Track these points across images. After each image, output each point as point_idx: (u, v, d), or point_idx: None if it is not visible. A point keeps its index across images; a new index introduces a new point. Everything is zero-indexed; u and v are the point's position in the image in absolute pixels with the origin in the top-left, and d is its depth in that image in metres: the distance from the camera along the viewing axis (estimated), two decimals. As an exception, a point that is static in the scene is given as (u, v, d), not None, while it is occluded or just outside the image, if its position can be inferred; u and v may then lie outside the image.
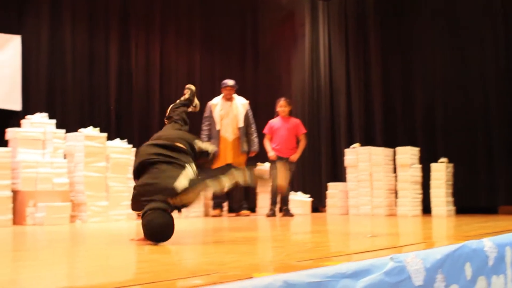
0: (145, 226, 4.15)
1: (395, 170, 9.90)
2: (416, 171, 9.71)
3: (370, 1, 11.42)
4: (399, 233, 5.98)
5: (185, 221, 8.33)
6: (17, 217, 7.48)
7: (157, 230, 4.16)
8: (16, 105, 9.20)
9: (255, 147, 9.85)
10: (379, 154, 9.91)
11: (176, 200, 4.25)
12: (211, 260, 3.30)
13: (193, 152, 4.96)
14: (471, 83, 10.14)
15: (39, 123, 8.13)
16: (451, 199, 9.56)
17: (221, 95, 9.90)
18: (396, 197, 9.79)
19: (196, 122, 10.90)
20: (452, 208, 9.53)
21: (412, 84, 10.80)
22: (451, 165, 9.63)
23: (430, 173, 9.55)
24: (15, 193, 7.49)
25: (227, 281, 2.19)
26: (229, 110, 9.79)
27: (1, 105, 9.05)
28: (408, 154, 9.67)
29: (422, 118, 10.60)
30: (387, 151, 9.98)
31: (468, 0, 10.29)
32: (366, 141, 10.73)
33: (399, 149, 9.80)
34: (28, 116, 8.30)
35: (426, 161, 9.78)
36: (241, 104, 9.89)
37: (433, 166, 9.54)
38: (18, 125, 8.28)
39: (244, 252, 3.85)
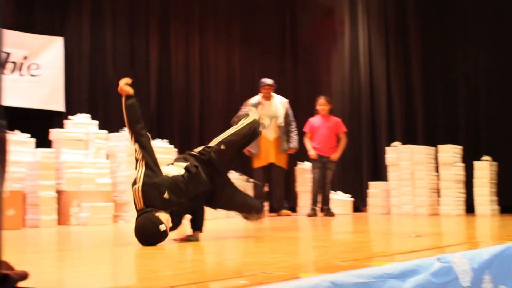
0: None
1: (437, 169, 9.78)
2: (459, 170, 9.58)
3: (410, -3, 11.31)
4: (443, 233, 5.92)
5: (226, 221, 8.35)
6: (62, 217, 7.57)
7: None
8: (59, 106, 9.32)
9: (295, 144, 9.80)
10: (420, 152, 9.80)
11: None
12: (255, 260, 3.29)
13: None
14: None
15: (81, 124, 8.23)
16: (495, 198, 9.41)
17: (260, 95, 9.89)
18: (439, 196, 9.66)
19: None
20: (496, 207, 9.38)
21: (454, 82, 10.65)
22: (495, 163, 9.47)
23: (473, 172, 9.40)
24: (59, 193, 7.59)
25: (274, 282, 2.18)
26: (268, 110, 9.77)
27: (44, 106, 9.18)
28: (451, 153, 9.54)
29: (465, 115, 10.46)
30: (429, 149, 9.86)
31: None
32: (407, 139, 10.62)
33: (441, 147, 9.67)
34: (71, 117, 8.41)
35: (469, 160, 9.64)
36: (280, 102, 9.86)
37: (476, 164, 9.40)
38: (62, 126, 8.40)
39: (288, 252, 3.84)
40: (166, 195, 4.25)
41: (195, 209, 4.67)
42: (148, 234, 4.16)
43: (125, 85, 4.51)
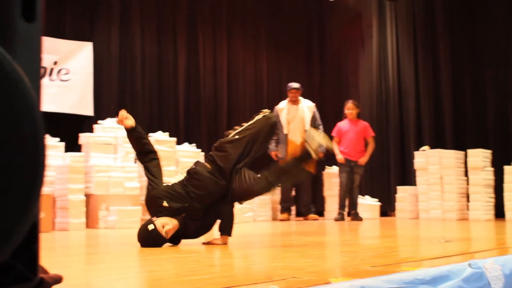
0: None
1: (466, 173, 9.69)
2: (488, 174, 9.48)
3: (438, 0, 11.21)
4: (472, 238, 5.86)
5: (253, 225, 8.35)
6: (90, 221, 7.64)
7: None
8: (88, 110, 9.41)
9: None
10: (449, 157, 9.71)
11: None
12: (284, 264, 3.28)
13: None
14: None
15: (110, 128, 8.30)
16: (525, 203, 9.30)
17: (287, 99, 9.89)
18: (468, 201, 9.57)
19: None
20: (526, 212, 9.27)
21: (484, 85, 10.54)
22: (525, 168, 9.37)
23: (504, 176, 9.30)
24: (88, 197, 7.66)
25: (305, 286, 2.17)
26: (295, 114, 9.76)
27: (74, 111, 9.28)
28: (480, 157, 9.44)
29: (494, 119, 10.34)
30: (458, 153, 9.77)
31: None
32: (436, 144, 10.53)
33: (470, 152, 9.58)
34: (100, 121, 8.49)
35: (498, 164, 9.53)
36: (307, 107, 9.85)
37: (506, 169, 9.29)
38: (91, 130, 8.48)
39: (317, 257, 3.83)
40: (165, 204, 4.47)
41: (221, 212, 4.64)
42: (140, 235, 4.52)
43: (125, 118, 4.67)
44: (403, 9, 11.84)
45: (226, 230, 4.63)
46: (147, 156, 4.72)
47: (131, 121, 4.64)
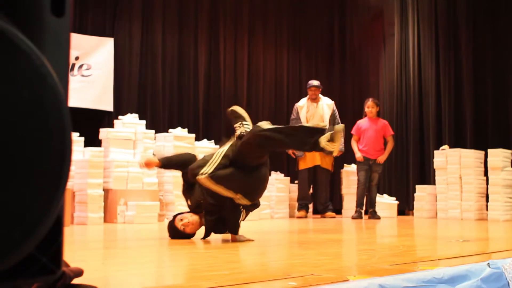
0: None
1: (486, 173, 9.63)
2: (508, 175, 9.41)
3: (461, -1, 11.15)
4: (490, 238, 5.83)
5: (271, 222, 8.36)
6: (108, 215, 7.69)
7: None
8: (108, 105, 9.46)
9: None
10: (469, 156, 9.65)
11: None
12: (302, 261, 3.29)
13: None
14: None
15: (130, 124, 8.34)
16: (545, 203, 9.23)
17: (307, 96, 9.90)
18: (487, 201, 9.51)
19: (282, 124, 10.94)
20: (546, 213, 9.20)
21: (505, 85, 10.45)
22: (545, 168, 9.30)
23: (524, 177, 9.24)
24: (106, 191, 7.70)
25: (323, 284, 2.18)
26: (315, 111, 9.77)
27: (94, 106, 9.34)
28: (500, 157, 9.37)
29: (516, 119, 10.26)
30: (478, 153, 9.71)
31: None
32: (456, 143, 10.48)
33: (490, 152, 9.51)
34: (120, 117, 8.54)
35: (519, 164, 9.48)
36: (326, 104, 9.85)
37: (527, 169, 9.24)
38: (111, 126, 8.53)
39: (335, 255, 3.83)
40: (188, 202, 4.84)
41: (227, 211, 4.66)
42: (167, 226, 4.88)
43: (148, 166, 5.02)
44: (426, 7, 11.77)
45: (230, 229, 4.69)
46: (188, 167, 4.75)
47: (154, 162, 4.79)
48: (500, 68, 10.56)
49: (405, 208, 11.22)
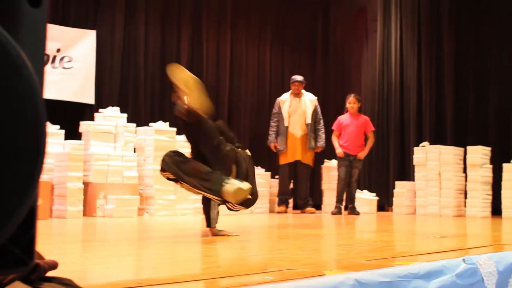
0: None
1: (465, 170, 9.70)
2: (486, 171, 9.49)
3: (444, -4, 11.19)
4: (468, 234, 5.88)
5: (251, 216, 8.38)
6: (88, 209, 7.67)
7: None
8: (89, 98, 9.42)
9: (322, 142, 9.83)
10: (449, 153, 9.72)
11: None
12: (280, 256, 3.31)
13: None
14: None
15: (111, 117, 8.32)
16: (523, 201, 9.32)
17: (290, 91, 9.92)
18: (465, 197, 9.59)
19: (264, 119, 10.97)
20: (524, 210, 9.29)
21: (486, 82, 10.52)
22: (524, 166, 9.38)
23: (502, 174, 9.31)
24: (86, 185, 7.68)
25: (299, 278, 2.19)
26: (297, 107, 9.79)
27: (75, 99, 9.29)
28: (479, 154, 9.45)
29: (495, 117, 10.33)
30: (457, 150, 9.78)
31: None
32: (436, 140, 10.54)
33: (470, 149, 9.58)
34: (101, 110, 8.50)
35: (497, 161, 9.54)
36: (309, 100, 9.88)
37: (505, 166, 9.30)
38: (92, 119, 8.49)
39: (313, 250, 3.85)
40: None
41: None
42: None
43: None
44: (408, 3, 11.80)
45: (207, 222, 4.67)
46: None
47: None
48: (482, 66, 10.62)
49: (385, 204, 11.28)
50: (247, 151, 4.84)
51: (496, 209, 9.37)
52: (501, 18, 10.44)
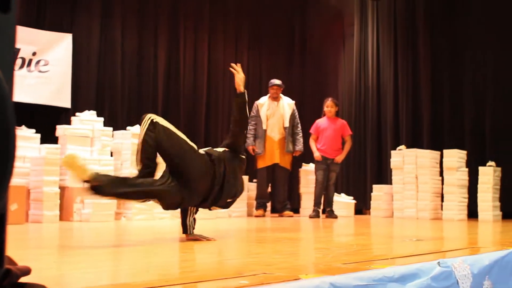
0: None
1: (441, 173, 9.78)
2: (463, 175, 9.57)
3: (420, 1, 11.26)
4: (444, 237, 5.92)
5: (228, 220, 8.37)
6: (64, 213, 7.60)
7: None
8: (65, 102, 9.35)
9: (300, 146, 9.85)
10: (425, 156, 9.79)
11: None
12: (257, 260, 3.30)
13: None
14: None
15: (88, 121, 8.27)
16: (498, 203, 9.40)
17: (268, 95, 9.93)
18: (442, 200, 9.67)
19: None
20: (498, 213, 9.37)
21: (462, 86, 10.61)
22: (498, 169, 9.46)
23: (478, 177, 9.40)
24: (62, 189, 7.61)
25: (274, 282, 2.19)
26: (275, 110, 9.80)
27: (51, 103, 9.21)
28: (456, 157, 9.53)
29: (471, 120, 10.42)
30: (434, 153, 9.86)
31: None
32: (413, 143, 10.61)
33: (446, 152, 9.67)
34: (77, 114, 8.45)
35: (473, 165, 9.64)
36: (287, 104, 9.89)
37: (481, 169, 9.39)
38: (68, 122, 8.44)
39: (290, 253, 3.85)
40: None
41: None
42: None
43: None
44: (385, 8, 11.89)
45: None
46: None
47: None
48: (457, 71, 10.71)
49: (362, 207, 11.33)
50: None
51: (472, 212, 9.46)
52: (476, 23, 10.53)
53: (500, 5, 10.26)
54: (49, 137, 8.16)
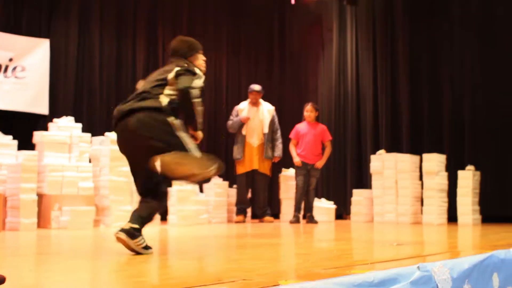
0: None
1: (421, 178, 9.81)
2: (442, 179, 9.61)
3: (398, 5, 11.31)
4: (424, 241, 5.93)
5: (208, 226, 8.33)
6: (42, 221, 7.52)
7: None
8: (43, 108, 9.27)
9: (279, 152, 9.83)
10: (405, 161, 9.82)
11: None
12: (236, 266, 3.28)
13: None
14: (501, 89, 9.95)
15: (65, 127, 8.19)
16: (477, 207, 9.45)
17: (248, 100, 9.90)
18: (422, 205, 9.70)
19: (221, 128, 10.95)
20: (478, 216, 9.42)
21: (440, 91, 10.65)
22: (478, 173, 9.51)
23: (457, 181, 9.44)
24: (40, 196, 7.52)
25: (253, 289, 2.17)
26: (255, 116, 9.78)
27: (29, 109, 9.13)
28: (435, 162, 9.56)
29: (450, 125, 10.46)
30: (414, 158, 9.88)
31: (499, 1, 10.12)
32: (392, 148, 10.63)
33: (425, 156, 9.70)
34: (55, 120, 8.37)
35: (453, 169, 9.67)
36: (267, 109, 9.88)
37: (460, 173, 9.43)
38: (45, 129, 8.35)
39: (270, 259, 3.82)
40: None
41: None
42: None
43: None
44: (363, 13, 11.92)
45: None
46: None
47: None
48: (435, 74, 10.75)
49: (343, 212, 11.33)
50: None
51: (452, 216, 9.50)
52: (452, 25, 10.60)
53: (477, 5, 10.32)
54: (26, 144, 8.08)
